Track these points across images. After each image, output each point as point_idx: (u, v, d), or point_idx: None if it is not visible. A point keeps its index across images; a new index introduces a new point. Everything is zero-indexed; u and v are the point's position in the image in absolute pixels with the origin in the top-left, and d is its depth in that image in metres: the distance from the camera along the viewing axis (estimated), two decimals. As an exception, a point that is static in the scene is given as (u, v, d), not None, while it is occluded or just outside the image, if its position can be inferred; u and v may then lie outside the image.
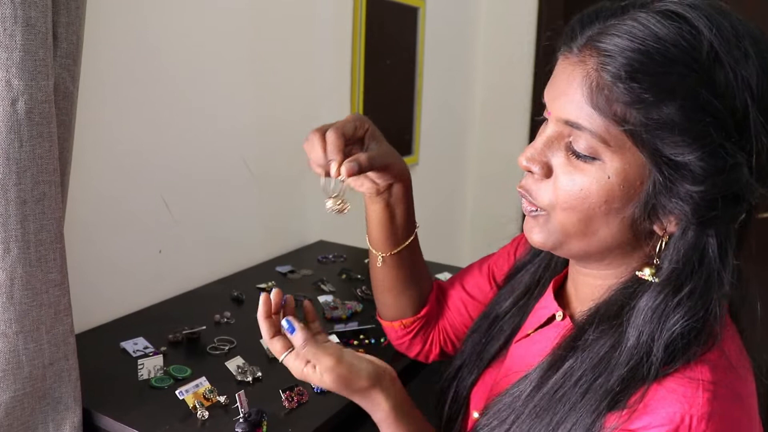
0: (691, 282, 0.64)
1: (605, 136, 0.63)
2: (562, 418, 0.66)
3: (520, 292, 0.90)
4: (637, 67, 0.59)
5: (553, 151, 0.68)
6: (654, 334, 0.63)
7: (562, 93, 0.66)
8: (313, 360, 0.70)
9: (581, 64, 0.64)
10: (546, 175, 0.68)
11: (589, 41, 0.64)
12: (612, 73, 0.60)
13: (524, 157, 0.69)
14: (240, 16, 1.59)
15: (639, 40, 0.60)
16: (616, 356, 0.65)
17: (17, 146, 0.86)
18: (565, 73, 0.65)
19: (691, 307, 0.63)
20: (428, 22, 2.48)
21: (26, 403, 0.93)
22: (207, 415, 0.98)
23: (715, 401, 0.60)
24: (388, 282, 0.98)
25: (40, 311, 0.92)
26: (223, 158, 1.61)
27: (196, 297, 1.49)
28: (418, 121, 2.52)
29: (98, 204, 1.31)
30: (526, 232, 0.73)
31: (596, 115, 0.62)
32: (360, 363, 0.71)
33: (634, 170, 0.63)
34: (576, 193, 0.65)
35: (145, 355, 1.15)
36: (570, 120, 0.65)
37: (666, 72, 0.59)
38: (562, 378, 0.68)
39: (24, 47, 0.85)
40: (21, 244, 0.89)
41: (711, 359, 0.63)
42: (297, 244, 1.92)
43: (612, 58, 0.61)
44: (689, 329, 0.63)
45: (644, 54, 0.59)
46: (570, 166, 0.66)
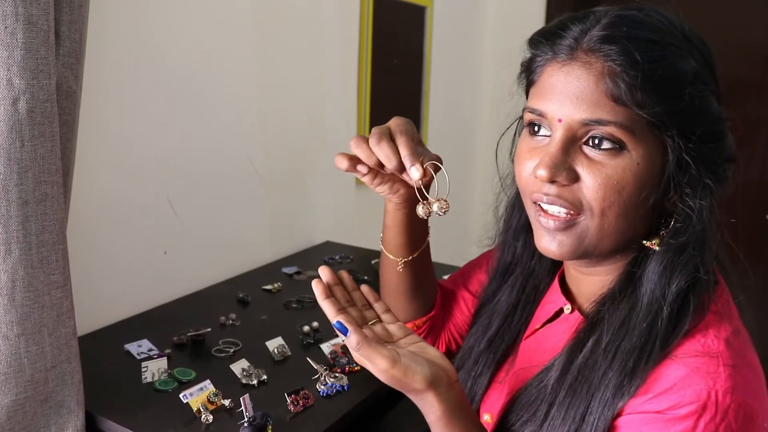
0: (689, 242, 0.69)
1: (630, 124, 0.66)
2: (595, 388, 0.68)
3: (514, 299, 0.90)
4: (644, 50, 0.65)
5: (571, 156, 0.69)
6: (664, 290, 0.69)
7: (570, 97, 0.68)
8: (367, 362, 0.68)
9: (584, 65, 0.68)
10: (573, 180, 0.69)
11: (585, 43, 0.68)
12: (624, 62, 0.65)
13: (546, 168, 0.69)
14: (246, 15, 1.58)
15: (641, 29, 0.67)
16: (634, 317, 0.69)
17: (18, 146, 0.85)
18: (568, 78, 0.69)
19: (691, 263, 0.69)
20: (436, 21, 2.47)
21: (28, 406, 0.92)
22: (211, 419, 0.97)
23: (735, 375, 0.64)
24: (403, 286, 0.98)
25: (42, 313, 0.91)
26: (228, 158, 1.60)
27: (201, 298, 1.48)
28: (425, 120, 2.51)
29: (102, 204, 1.30)
30: (546, 245, 0.73)
31: (618, 107, 0.66)
32: (417, 365, 0.69)
33: (654, 152, 0.68)
34: (613, 186, 0.68)
35: (149, 358, 1.14)
36: (592, 118, 0.67)
37: (672, 53, 0.66)
38: (589, 353, 0.71)
39: (25, 45, 0.84)
40: (23, 245, 0.88)
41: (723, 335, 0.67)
42: (303, 244, 1.91)
43: (618, 50, 0.65)
44: (692, 281, 0.69)
45: (646, 41, 0.66)
46: (597, 163, 0.68)
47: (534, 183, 0.72)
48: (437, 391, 0.70)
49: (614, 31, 0.67)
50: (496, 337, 0.89)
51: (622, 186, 0.67)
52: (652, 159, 0.68)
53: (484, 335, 0.90)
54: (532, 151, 0.73)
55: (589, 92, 0.67)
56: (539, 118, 0.72)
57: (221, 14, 1.51)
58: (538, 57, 0.73)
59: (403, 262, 0.95)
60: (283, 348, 1.19)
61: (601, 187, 0.68)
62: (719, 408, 0.62)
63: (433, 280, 1.03)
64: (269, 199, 1.74)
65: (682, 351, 0.67)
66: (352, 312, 0.78)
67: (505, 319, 0.90)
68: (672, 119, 0.66)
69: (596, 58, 0.67)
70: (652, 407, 0.65)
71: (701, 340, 0.67)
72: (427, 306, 1.02)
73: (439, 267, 1.64)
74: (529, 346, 0.86)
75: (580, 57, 0.68)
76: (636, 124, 0.66)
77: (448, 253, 2.02)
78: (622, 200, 0.68)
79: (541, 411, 0.73)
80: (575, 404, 0.69)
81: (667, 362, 0.66)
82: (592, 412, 0.68)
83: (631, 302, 0.71)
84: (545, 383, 0.75)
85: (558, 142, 0.69)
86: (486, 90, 2.99)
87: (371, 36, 2.06)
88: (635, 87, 0.65)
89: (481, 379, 0.89)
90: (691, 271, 0.69)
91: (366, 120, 2.11)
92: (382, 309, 0.82)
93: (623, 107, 0.66)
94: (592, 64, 0.67)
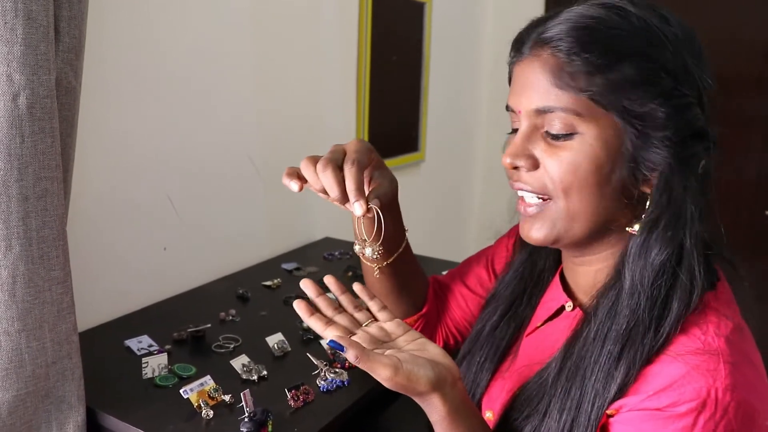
0: (663, 219, 0.70)
1: (576, 108, 0.69)
2: (587, 377, 0.70)
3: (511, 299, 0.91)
4: (587, 39, 0.68)
5: (533, 144, 0.73)
6: (643, 271, 0.70)
7: (525, 88, 0.73)
8: (370, 372, 0.67)
9: (535, 58, 0.72)
10: (533, 165, 0.73)
11: (536, 39, 0.72)
12: (566, 50, 0.69)
13: (508, 156, 0.73)
14: (245, 12, 1.58)
15: (581, 20, 0.70)
16: (618, 302, 0.71)
17: (18, 142, 0.85)
18: (523, 72, 0.73)
19: (667, 239, 0.69)
20: (435, 17, 2.46)
21: (29, 402, 0.92)
22: (212, 414, 0.97)
23: (736, 372, 0.64)
24: (385, 289, 0.97)
25: (42, 309, 0.91)
26: (228, 155, 1.60)
27: (201, 295, 1.48)
28: (424, 117, 2.51)
29: (102, 200, 1.30)
30: (526, 232, 0.76)
31: (562, 92, 0.69)
32: (419, 369, 0.67)
33: (610, 132, 0.69)
34: (566, 168, 0.70)
35: (150, 354, 1.14)
36: (540, 107, 0.71)
37: (612, 37, 0.68)
38: (582, 344, 0.72)
39: (25, 41, 0.84)
40: (23, 241, 0.88)
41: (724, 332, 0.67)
42: (303, 241, 1.91)
43: (562, 39, 0.69)
44: (677, 259, 0.70)
45: (589, 28, 0.69)
46: (553, 148, 0.71)
47: (510, 174, 0.76)
48: (441, 391, 0.69)
49: (560, 20, 0.71)
50: (501, 323, 0.90)
51: (575, 166, 0.70)
52: (607, 138, 0.69)
53: (490, 320, 0.91)
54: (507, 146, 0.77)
55: (537, 82, 0.71)
56: (512, 114, 0.76)
57: (220, 11, 1.51)
58: (511, 60, 0.78)
59: (378, 268, 0.93)
60: (283, 344, 1.19)
61: (556, 169, 0.71)
62: (719, 405, 0.62)
63: (419, 279, 1.02)
64: (268, 195, 1.74)
65: (682, 348, 0.66)
66: (342, 320, 0.77)
67: (511, 305, 0.91)
68: (618, 94, 0.68)
69: (544, 48, 0.71)
70: (652, 404, 0.64)
71: (701, 336, 0.67)
72: (416, 304, 1.01)
73: (437, 263, 1.65)
74: (530, 344, 0.85)
75: (534, 51, 0.72)
76: (583, 105, 0.69)
77: (446, 248, 2.03)
78: (578, 180, 0.70)
79: (542, 405, 0.73)
80: (571, 395, 0.70)
81: (665, 359, 0.66)
82: (586, 401, 0.69)
83: (615, 291, 0.72)
84: (545, 378, 0.75)
85: (520, 132, 0.73)
86: (485, 86, 2.99)
87: (370, 33, 2.06)
88: (578, 72, 0.68)
89: (486, 365, 0.89)
90: (670, 247, 0.69)
91: (365, 116, 2.11)
92: (377, 307, 0.81)
93: (567, 92, 0.69)
94: (539, 55, 0.71)
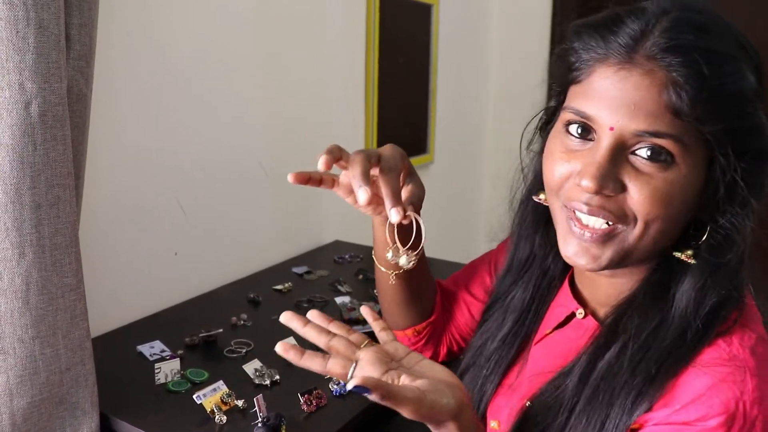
0: (727, 259, 0.68)
1: (684, 138, 0.64)
2: (617, 395, 0.67)
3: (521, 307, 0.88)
4: (713, 65, 0.62)
5: (618, 165, 0.66)
6: (698, 306, 0.67)
7: (631, 104, 0.64)
8: (394, 407, 0.62)
9: (649, 74, 0.63)
10: (619, 191, 0.66)
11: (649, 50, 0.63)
12: (694, 77, 0.61)
13: (592, 180, 0.65)
14: (253, 16, 1.58)
15: (705, 38, 0.63)
16: (664, 329, 0.68)
17: (31, 150, 0.86)
18: (627, 85, 0.64)
19: (728, 281, 0.68)
20: (442, 19, 2.46)
21: (43, 408, 0.92)
22: (225, 420, 0.97)
23: (763, 385, 0.63)
24: (399, 296, 0.95)
25: (56, 316, 0.92)
26: (237, 159, 1.60)
27: (213, 299, 1.49)
28: (432, 119, 2.50)
29: (113, 207, 1.31)
30: (576, 257, 0.70)
31: (676, 119, 0.63)
32: (442, 399, 0.64)
33: (702, 166, 0.66)
34: (660, 200, 0.65)
35: (162, 359, 1.15)
36: (649, 130, 0.63)
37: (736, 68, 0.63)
38: (614, 360, 0.69)
39: (37, 49, 0.84)
40: (36, 248, 0.88)
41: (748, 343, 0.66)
42: (313, 244, 1.91)
43: (691, 63, 0.62)
44: (725, 298, 0.68)
45: (711, 52, 0.62)
46: (645, 175, 0.65)
47: (572, 189, 0.69)
48: (459, 420, 0.66)
49: (679, 38, 0.63)
50: (509, 335, 0.87)
51: (669, 200, 0.65)
52: (699, 173, 0.66)
53: (498, 332, 0.88)
54: (570, 153, 0.69)
55: (648, 102, 0.63)
56: (583, 120, 0.68)
57: (227, 16, 1.51)
58: (585, 53, 0.68)
59: (394, 274, 0.91)
60: (295, 348, 1.19)
61: (648, 200, 0.65)
62: (747, 419, 0.61)
63: (431, 285, 1.01)
64: (278, 199, 1.74)
65: (707, 360, 0.65)
66: (339, 345, 0.71)
67: (519, 316, 0.87)
68: (729, 137, 0.64)
69: (658, 66, 0.63)
70: (680, 418, 0.63)
71: (726, 348, 0.65)
72: (426, 311, 0.99)
73: (446, 264, 1.65)
74: (539, 352, 0.83)
75: (639, 62, 0.64)
76: (690, 138, 0.64)
77: (455, 250, 2.02)
78: (667, 213, 0.66)
79: (561, 417, 0.71)
80: (596, 412, 0.68)
81: (691, 372, 0.65)
82: (611, 419, 0.66)
83: (661, 314, 0.69)
84: (563, 389, 0.72)
85: (606, 151, 0.65)
86: (492, 87, 2.98)
87: (378, 35, 2.06)
88: (698, 102, 0.62)
89: (492, 378, 0.86)
90: (726, 289, 0.68)
91: (374, 118, 2.11)
92: (380, 327, 0.78)
93: (682, 121, 0.63)
94: (654, 73, 0.63)
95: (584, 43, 0.68)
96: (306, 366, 0.69)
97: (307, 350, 0.69)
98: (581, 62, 0.68)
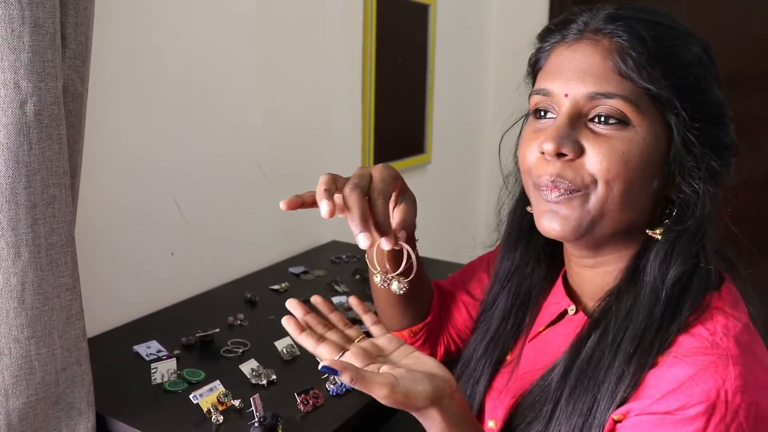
0: (690, 228, 0.70)
1: (635, 99, 0.67)
2: (601, 380, 0.68)
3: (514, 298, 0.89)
4: (654, 33, 0.68)
5: (578, 130, 0.69)
6: (664, 277, 0.70)
7: (577, 72, 0.70)
8: (366, 392, 0.65)
9: (592, 42, 0.70)
10: (578, 153, 0.69)
11: (594, 26, 0.70)
12: (630, 39, 0.67)
13: (552, 142, 0.68)
14: (250, 16, 1.58)
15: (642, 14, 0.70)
16: (637, 306, 0.70)
17: (26, 149, 0.85)
18: (574, 56, 0.70)
19: (693, 247, 0.70)
20: (439, 19, 2.46)
21: (39, 408, 0.92)
22: (222, 420, 0.97)
23: (746, 373, 0.63)
24: (394, 298, 0.96)
25: (51, 316, 0.91)
26: (234, 159, 1.60)
27: (209, 299, 1.48)
28: (430, 119, 2.50)
29: (109, 206, 1.30)
30: (549, 222, 0.72)
31: (623, 80, 0.67)
32: (417, 386, 0.66)
33: (660, 133, 0.69)
34: (619, 158, 0.67)
35: (159, 359, 1.14)
36: (598, 91, 0.68)
37: (677, 38, 0.69)
38: (594, 347, 0.71)
39: (32, 48, 0.84)
40: (32, 248, 0.88)
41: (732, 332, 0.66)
42: (310, 244, 1.91)
43: (627, 29, 0.68)
44: (692, 268, 0.70)
45: (654, 24, 0.69)
46: (602, 136, 0.68)
47: (538, 164, 0.72)
48: (440, 405, 0.67)
49: (621, 12, 0.70)
50: (491, 343, 0.88)
51: (627, 158, 0.67)
52: (657, 137, 0.68)
53: (481, 343, 0.89)
54: (537, 132, 0.73)
55: (595, 67, 0.68)
56: (545, 98, 0.73)
57: (225, 16, 1.51)
58: (546, 44, 0.75)
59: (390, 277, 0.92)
60: (291, 348, 1.19)
61: (605, 157, 0.68)
62: (729, 408, 0.61)
63: (427, 287, 1.01)
64: (275, 199, 1.73)
65: (689, 349, 0.65)
66: (333, 336, 0.76)
67: (500, 324, 0.88)
68: (676, 96, 0.68)
69: (603, 36, 0.69)
70: (661, 408, 0.63)
71: (708, 337, 0.66)
72: (422, 312, 1.00)
73: (443, 265, 1.65)
74: (532, 350, 0.84)
75: (587, 36, 0.70)
76: (641, 99, 0.67)
77: (452, 251, 2.02)
78: (628, 172, 0.68)
79: (546, 410, 0.72)
80: (581, 398, 0.69)
81: (673, 362, 0.65)
82: (597, 404, 0.67)
83: (634, 293, 0.71)
84: (548, 383, 0.74)
85: (564, 115, 0.70)
86: (490, 87, 2.98)
87: (375, 35, 2.06)
88: (641, 63, 0.67)
89: (479, 386, 0.88)
90: (691, 258, 0.69)
91: (371, 118, 2.11)
92: (371, 321, 0.80)
93: (629, 81, 0.67)
94: (599, 42, 0.69)
95: (545, 39, 0.76)
96: (300, 342, 0.76)
97: (306, 330, 0.76)
98: (541, 52, 0.76)
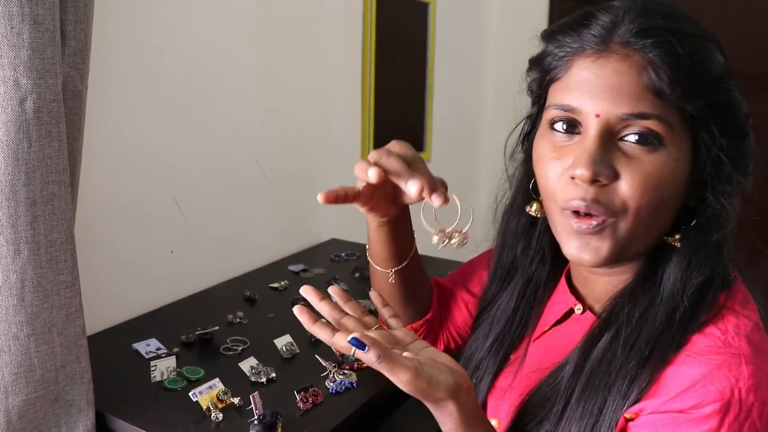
0: (713, 236, 0.69)
1: (669, 119, 0.65)
2: (613, 381, 0.67)
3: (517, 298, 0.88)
4: (687, 48, 0.64)
5: (609, 152, 0.66)
6: (685, 285, 0.68)
7: (610, 90, 0.65)
8: (390, 374, 0.63)
9: (625, 58, 0.65)
10: (613, 178, 0.66)
11: (622, 36, 0.65)
12: (670, 57, 0.63)
13: (587, 169, 0.65)
14: (250, 14, 1.58)
15: (674, 21, 0.65)
16: (653, 310, 0.69)
17: (26, 146, 0.85)
18: (606, 71, 0.65)
19: (713, 257, 0.69)
20: (439, 17, 2.46)
21: (39, 406, 0.92)
22: (221, 417, 0.97)
23: (758, 372, 0.63)
24: (395, 294, 0.96)
25: (51, 313, 0.91)
26: (233, 157, 1.59)
27: (209, 297, 1.48)
28: (429, 117, 2.50)
29: (109, 204, 1.30)
30: (580, 253, 0.69)
31: (658, 100, 0.64)
32: (440, 375, 0.65)
33: (687, 148, 0.67)
34: (654, 184, 0.65)
35: (158, 357, 1.14)
36: (634, 112, 0.64)
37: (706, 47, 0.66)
38: (607, 347, 0.70)
39: (31, 45, 0.84)
40: (31, 245, 0.88)
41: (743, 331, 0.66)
42: (309, 242, 1.91)
43: (664, 44, 0.64)
44: (711, 277, 0.69)
45: (683, 35, 0.65)
46: (635, 159, 0.65)
47: (567, 187, 0.68)
48: (458, 399, 0.66)
49: (649, 22, 0.65)
50: (495, 343, 0.87)
51: (661, 184, 0.65)
52: (685, 155, 0.67)
53: (484, 342, 0.88)
54: (559, 150, 0.69)
55: (629, 86, 0.64)
56: (568, 114, 0.68)
57: (225, 14, 1.51)
58: (560, 51, 0.69)
59: (393, 272, 0.92)
60: (291, 346, 1.19)
61: (640, 184, 0.65)
62: (743, 406, 0.61)
63: (426, 284, 1.01)
64: (275, 197, 1.74)
65: (701, 348, 0.65)
66: (349, 323, 0.73)
67: (504, 324, 0.87)
68: (710, 114, 0.66)
69: (633, 50, 0.64)
70: (675, 406, 0.63)
71: (720, 336, 0.65)
72: (422, 309, 1.00)
73: (443, 263, 1.65)
74: (538, 348, 0.84)
75: (614, 49, 0.65)
76: (674, 118, 0.65)
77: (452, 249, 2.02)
78: (658, 196, 0.66)
79: (557, 408, 0.71)
80: (592, 399, 0.68)
81: (686, 360, 0.65)
82: (609, 405, 0.67)
83: (650, 297, 0.70)
84: (559, 381, 0.73)
85: (596, 138, 0.65)
86: (490, 86, 2.98)
87: (375, 34, 2.06)
88: (676, 80, 0.63)
89: (482, 385, 0.87)
90: (711, 267, 0.69)
91: (371, 116, 2.10)
92: (388, 314, 0.79)
93: (663, 101, 0.64)
94: (630, 57, 0.64)
95: (558, 42, 0.70)
96: (315, 333, 0.70)
97: (319, 320, 0.71)
98: (557, 60, 0.70)
